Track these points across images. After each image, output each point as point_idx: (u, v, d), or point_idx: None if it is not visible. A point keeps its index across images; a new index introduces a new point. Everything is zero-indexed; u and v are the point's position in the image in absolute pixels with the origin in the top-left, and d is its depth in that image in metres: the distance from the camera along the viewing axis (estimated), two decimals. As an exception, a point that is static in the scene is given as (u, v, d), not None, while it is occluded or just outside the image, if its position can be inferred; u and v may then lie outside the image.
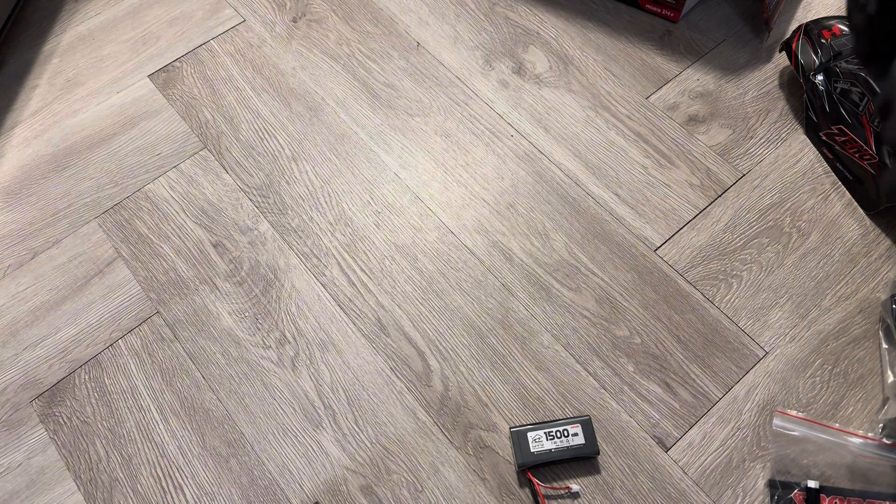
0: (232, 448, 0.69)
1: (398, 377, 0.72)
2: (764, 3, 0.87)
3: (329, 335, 0.75)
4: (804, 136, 0.86)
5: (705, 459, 0.68)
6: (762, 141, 0.86)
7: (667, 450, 0.68)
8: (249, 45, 0.95)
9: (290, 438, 0.69)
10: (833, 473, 0.66)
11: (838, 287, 0.76)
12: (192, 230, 0.81)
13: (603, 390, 0.71)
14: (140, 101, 0.90)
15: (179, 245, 0.80)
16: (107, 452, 0.69)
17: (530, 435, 0.67)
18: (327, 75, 0.92)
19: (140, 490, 0.67)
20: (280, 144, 0.87)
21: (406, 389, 0.72)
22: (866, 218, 0.80)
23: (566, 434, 0.67)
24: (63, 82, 0.92)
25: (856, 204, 0.81)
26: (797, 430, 0.67)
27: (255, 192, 0.83)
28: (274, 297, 0.77)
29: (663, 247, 0.78)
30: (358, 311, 0.76)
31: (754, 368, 0.72)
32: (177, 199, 0.83)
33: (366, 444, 0.69)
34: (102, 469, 0.68)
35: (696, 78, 0.91)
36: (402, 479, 0.67)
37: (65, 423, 0.70)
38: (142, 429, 0.70)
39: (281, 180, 0.84)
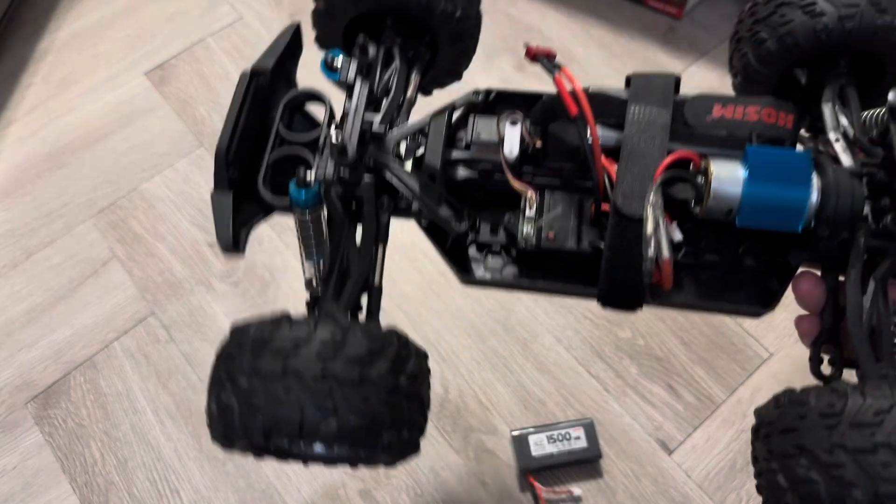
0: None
1: (397, 379, 0.71)
2: None
3: (327, 336, 0.74)
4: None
5: (709, 462, 0.67)
6: (767, 139, 0.85)
7: (670, 453, 0.68)
8: (246, 42, 0.94)
9: (288, 441, 0.69)
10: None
11: (844, 287, 0.75)
12: (187, 230, 0.80)
13: (605, 392, 0.70)
14: (136, 99, 0.89)
15: (175, 245, 0.79)
16: (102, 455, 0.68)
17: (532, 438, 0.66)
18: (326, 72, 0.91)
19: (136, 493, 0.66)
20: (278, 143, 0.86)
21: (405, 391, 0.71)
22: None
23: (568, 437, 0.66)
24: (58, 80, 0.91)
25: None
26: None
27: (252, 191, 0.82)
28: (271, 297, 0.76)
29: (666, 246, 0.77)
30: (356, 312, 0.75)
31: (759, 370, 0.71)
32: (172, 198, 0.82)
33: (364, 448, 0.68)
34: (98, 472, 0.67)
35: (699, 75, 0.89)
36: (402, 483, 0.67)
37: (60, 425, 0.70)
38: (137, 431, 0.69)
39: (279, 179, 0.83)
